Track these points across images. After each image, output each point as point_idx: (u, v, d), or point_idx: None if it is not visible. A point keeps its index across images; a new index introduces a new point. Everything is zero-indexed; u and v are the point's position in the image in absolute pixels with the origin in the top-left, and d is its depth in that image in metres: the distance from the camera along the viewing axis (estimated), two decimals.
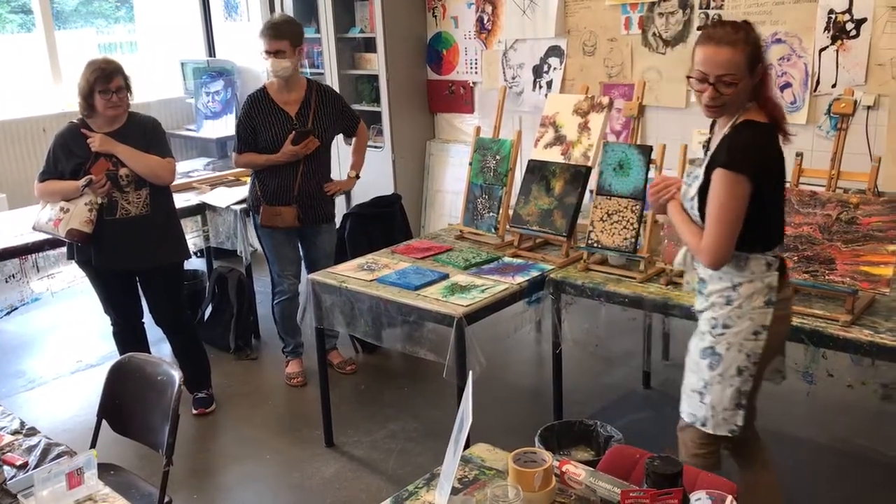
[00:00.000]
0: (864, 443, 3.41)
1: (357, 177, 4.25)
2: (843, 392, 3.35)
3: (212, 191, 4.78)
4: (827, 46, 4.17)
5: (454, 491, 1.88)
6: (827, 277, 2.62)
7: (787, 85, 4.33)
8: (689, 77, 2.26)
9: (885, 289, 2.53)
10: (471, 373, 1.87)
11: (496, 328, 3.40)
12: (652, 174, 3.13)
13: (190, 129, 6.73)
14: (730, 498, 1.62)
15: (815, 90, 4.24)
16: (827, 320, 2.58)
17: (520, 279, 3.23)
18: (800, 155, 2.83)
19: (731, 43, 2.18)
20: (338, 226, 4.38)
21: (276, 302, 4.24)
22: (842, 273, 2.59)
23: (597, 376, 4.12)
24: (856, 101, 3.34)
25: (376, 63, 5.67)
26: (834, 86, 4.13)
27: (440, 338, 3.09)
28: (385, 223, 4.49)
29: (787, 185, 2.81)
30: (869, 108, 4.09)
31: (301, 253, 4.21)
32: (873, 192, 2.63)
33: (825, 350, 2.62)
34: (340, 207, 4.48)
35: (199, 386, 3.98)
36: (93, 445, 2.54)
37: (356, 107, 5.94)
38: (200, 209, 4.66)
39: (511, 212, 3.58)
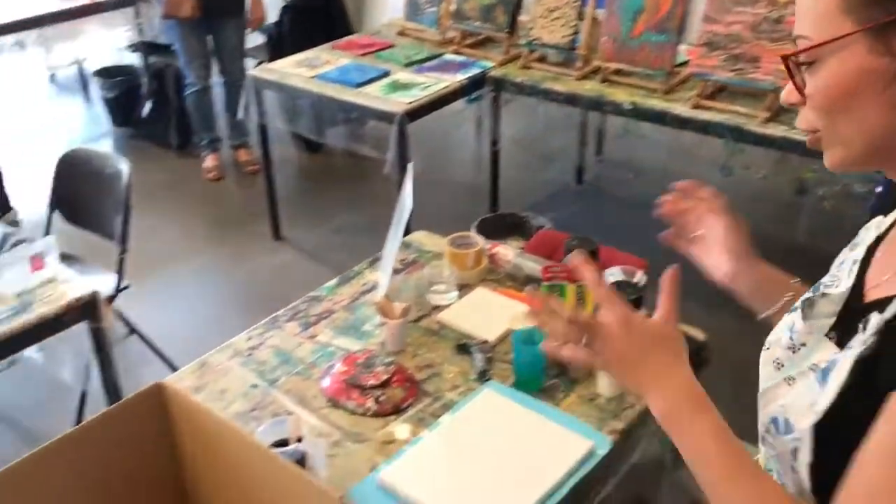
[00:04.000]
0: (774, 230, 3.69)
1: None
2: (756, 183, 3.59)
3: None
4: None
5: (395, 271, 2.05)
6: (751, 75, 2.74)
7: None
8: None
9: None
10: (410, 164, 1.98)
11: (437, 125, 3.47)
12: None
13: None
14: (640, 272, 1.81)
15: None
16: (747, 117, 2.74)
17: (461, 77, 3.28)
18: None
19: None
20: (275, 20, 4.28)
21: (185, 94, 4.23)
22: (765, 71, 2.71)
23: (533, 172, 4.29)
24: None
25: None
26: None
27: (382, 135, 3.17)
28: (324, 18, 4.40)
29: None
30: None
31: (209, 47, 4.14)
32: None
33: (744, 145, 2.79)
34: (275, 1, 4.35)
35: None
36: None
37: None
38: (131, 0, 4.48)
39: (453, 7, 3.55)
